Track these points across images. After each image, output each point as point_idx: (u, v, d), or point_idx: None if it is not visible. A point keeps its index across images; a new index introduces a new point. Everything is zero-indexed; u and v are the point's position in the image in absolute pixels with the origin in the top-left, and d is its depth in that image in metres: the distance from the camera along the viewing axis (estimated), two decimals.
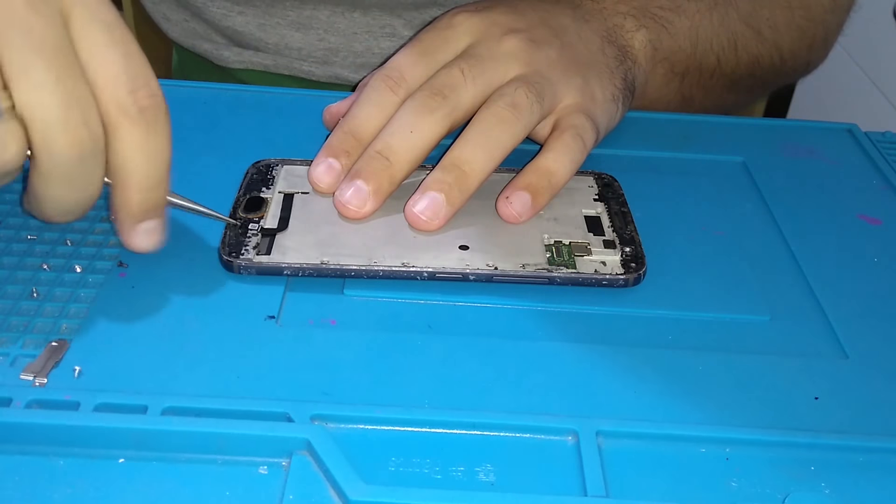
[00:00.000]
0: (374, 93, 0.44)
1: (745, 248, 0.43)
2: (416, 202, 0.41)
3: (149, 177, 0.35)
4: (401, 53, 0.45)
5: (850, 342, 0.37)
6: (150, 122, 0.35)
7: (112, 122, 0.34)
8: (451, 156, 0.41)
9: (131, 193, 0.36)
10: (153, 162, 0.35)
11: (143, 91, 0.34)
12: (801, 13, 0.59)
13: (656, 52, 0.53)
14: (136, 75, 0.34)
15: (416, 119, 0.42)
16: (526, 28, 0.46)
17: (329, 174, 0.42)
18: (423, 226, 0.40)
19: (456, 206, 0.41)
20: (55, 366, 0.33)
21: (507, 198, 0.42)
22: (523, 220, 0.42)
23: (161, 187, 0.36)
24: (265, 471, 0.31)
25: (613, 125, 0.49)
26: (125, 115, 0.34)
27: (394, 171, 0.41)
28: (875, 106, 1.00)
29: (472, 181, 0.41)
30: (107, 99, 0.34)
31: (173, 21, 0.67)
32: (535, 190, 0.42)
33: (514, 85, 0.43)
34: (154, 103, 0.35)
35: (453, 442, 0.32)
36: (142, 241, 0.37)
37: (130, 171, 0.35)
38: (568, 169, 0.43)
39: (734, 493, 0.31)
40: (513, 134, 0.42)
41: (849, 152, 0.52)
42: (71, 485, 0.30)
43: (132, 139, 0.35)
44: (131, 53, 0.35)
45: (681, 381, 0.35)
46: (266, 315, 0.37)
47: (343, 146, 0.43)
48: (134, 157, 0.35)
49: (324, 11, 0.62)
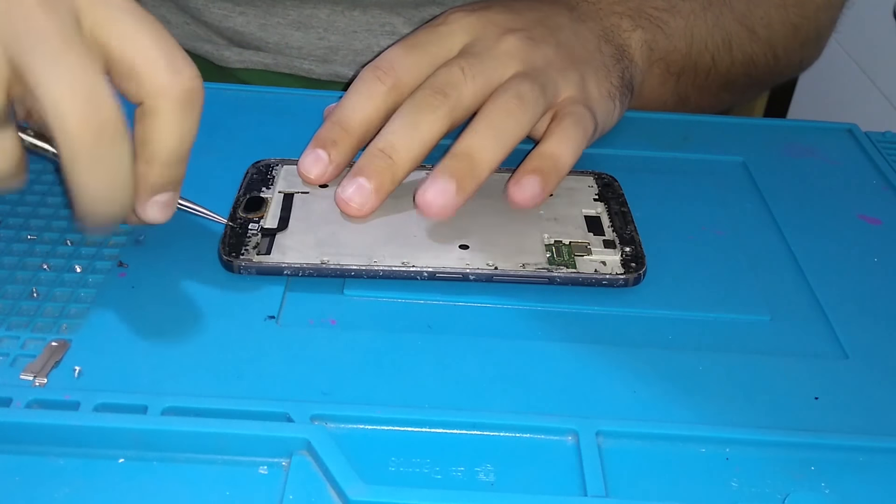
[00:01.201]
0: (361, 84, 0.44)
1: (745, 248, 0.43)
2: (427, 189, 0.40)
3: (176, 155, 0.36)
4: (392, 47, 0.45)
5: (850, 342, 0.37)
6: (189, 104, 0.35)
7: (151, 103, 0.35)
8: (461, 144, 0.41)
9: (154, 167, 0.36)
10: (183, 141, 0.36)
11: (186, 73, 0.35)
12: (794, 11, 0.59)
13: (652, 53, 0.53)
14: (174, 58, 0.35)
15: (417, 117, 0.42)
16: (523, 27, 0.46)
17: (317, 165, 0.43)
18: (434, 213, 0.41)
19: (467, 193, 0.41)
20: (55, 366, 0.33)
21: (518, 182, 0.42)
22: (535, 203, 0.42)
23: (183, 164, 0.37)
24: (265, 471, 0.31)
25: (611, 123, 0.49)
26: (166, 97, 0.35)
27: (396, 169, 0.41)
28: (875, 106, 1.00)
29: (483, 169, 0.41)
30: (148, 81, 0.35)
31: (173, 24, 0.67)
32: (543, 173, 0.42)
33: (518, 80, 0.43)
34: (196, 85, 0.35)
35: (453, 442, 0.32)
36: (155, 212, 0.38)
37: (159, 149, 0.36)
38: (572, 152, 0.43)
39: (734, 493, 0.31)
40: (521, 124, 0.42)
41: (849, 152, 0.52)
42: (71, 485, 0.30)
43: (170, 121, 0.35)
44: (165, 37, 0.35)
45: (681, 381, 0.35)
46: (266, 315, 0.37)
47: (330, 136, 0.43)
48: (166, 137, 0.36)
49: (324, 10, 0.62)
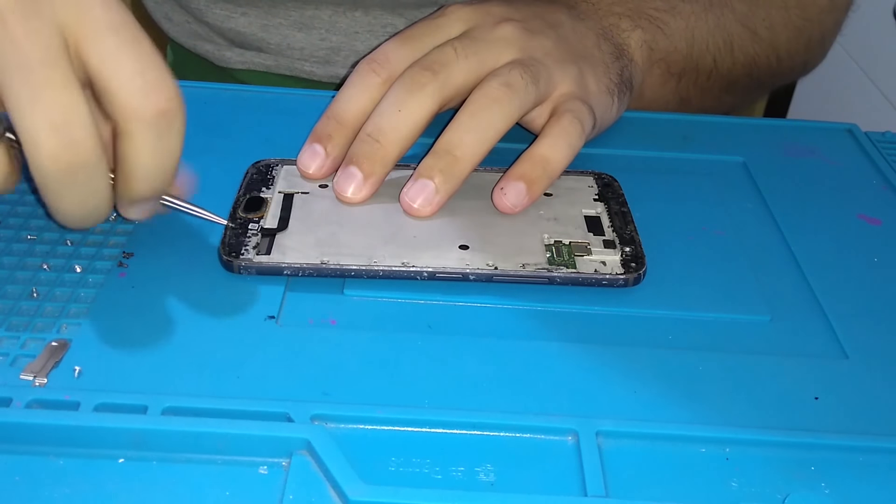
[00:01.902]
0: (356, 76, 0.44)
1: (745, 248, 0.43)
2: (409, 189, 0.41)
3: (156, 174, 0.36)
4: (388, 40, 0.45)
5: (850, 342, 0.37)
6: (164, 126, 0.34)
7: (123, 126, 0.34)
8: (442, 140, 0.41)
9: (136, 185, 0.36)
10: (162, 162, 0.35)
11: (158, 95, 0.34)
12: (797, 13, 0.59)
13: (652, 53, 0.53)
14: (149, 78, 0.34)
15: (404, 97, 0.42)
16: (521, 19, 0.46)
17: (313, 159, 0.43)
18: (416, 212, 0.41)
19: (449, 191, 0.41)
20: (55, 366, 0.33)
21: (502, 188, 0.41)
22: (518, 210, 0.42)
23: (164, 180, 0.36)
24: (265, 471, 0.31)
25: (609, 119, 0.49)
26: (138, 121, 0.34)
27: (385, 153, 0.41)
28: (875, 106, 1.00)
29: (463, 166, 0.41)
30: (120, 104, 0.34)
31: (175, 21, 0.67)
32: (529, 179, 0.42)
33: (510, 66, 0.43)
34: (171, 106, 0.34)
35: (453, 442, 0.32)
36: (135, 214, 0.38)
37: (134, 169, 0.35)
38: (564, 155, 0.43)
39: (734, 493, 0.31)
40: (506, 115, 0.42)
41: (849, 152, 0.52)
42: (71, 485, 0.30)
43: (144, 143, 0.34)
44: (144, 54, 0.34)
45: (681, 381, 0.35)
46: (266, 315, 0.37)
47: (326, 130, 0.43)
48: (143, 159, 0.35)
49: (326, 11, 0.62)
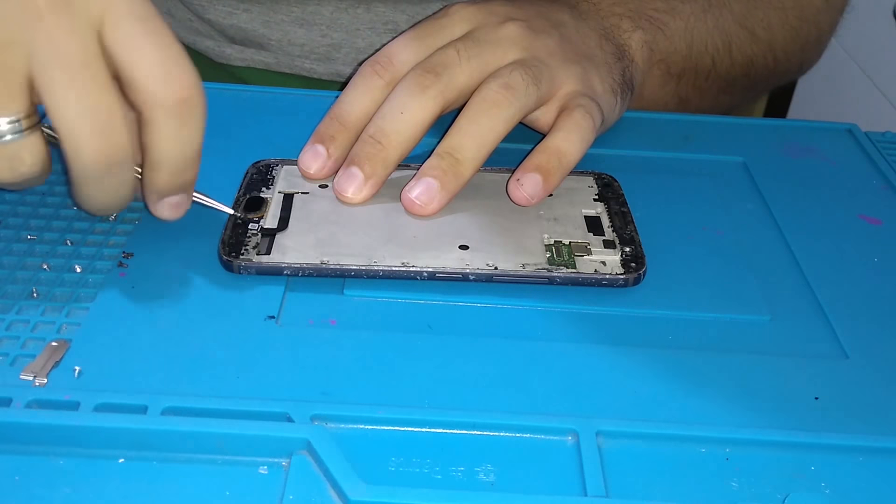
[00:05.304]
0: (359, 78, 0.44)
1: (745, 248, 0.43)
2: (412, 188, 0.41)
3: (179, 163, 0.37)
4: (392, 41, 0.45)
5: (850, 342, 0.37)
6: (185, 113, 0.35)
7: (147, 114, 0.35)
8: (443, 145, 0.42)
9: (161, 175, 0.37)
10: (185, 150, 0.36)
11: (179, 83, 0.35)
12: (794, 14, 0.59)
13: (653, 54, 0.53)
14: (171, 67, 0.35)
15: (406, 99, 0.42)
16: (525, 18, 0.46)
17: (315, 160, 0.43)
18: (418, 210, 0.41)
19: (451, 191, 0.41)
20: (55, 366, 0.33)
21: (518, 180, 0.42)
22: (535, 202, 0.42)
23: (191, 170, 0.37)
24: (265, 471, 0.31)
25: (612, 119, 0.49)
26: (160, 108, 0.35)
27: (387, 154, 0.42)
28: (875, 106, 1.00)
29: (465, 168, 0.42)
30: (143, 92, 0.35)
31: (177, 18, 0.67)
32: (545, 171, 0.42)
33: (510, 67, 0.43)
34: (191, 94, 0.35)
35: (453, 442, 0.32)
36: (165, 213, 0.39)
37: (162, 158, 0.36)
38: (578, 148, 0.43)
39: (734, 493, 0.31)
40: (506, 118, 0.42)
41: (849, 152, 0.52)
42: (71, 485, 0.30)
43: (166, 130, 0.35)
44: (166, 45, 0.35)
45: (681, 381, 0.35)
46: (266, 315, 0.37)
47: (328, 131, 0.43)
48: (167, 146, 0.36)
49: (327, 7, 0.62)
